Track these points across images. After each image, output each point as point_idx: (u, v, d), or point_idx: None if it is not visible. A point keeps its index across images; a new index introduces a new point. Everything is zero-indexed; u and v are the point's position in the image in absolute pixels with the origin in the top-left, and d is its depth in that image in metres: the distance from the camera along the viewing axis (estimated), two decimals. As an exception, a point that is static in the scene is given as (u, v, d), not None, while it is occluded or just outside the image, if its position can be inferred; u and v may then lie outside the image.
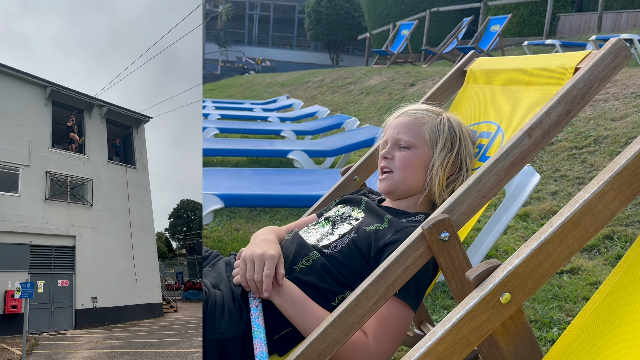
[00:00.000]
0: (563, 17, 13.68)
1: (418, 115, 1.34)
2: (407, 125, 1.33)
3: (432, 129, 1.32)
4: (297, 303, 1.15)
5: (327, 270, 1.21)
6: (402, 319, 1.13)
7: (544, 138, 1.02)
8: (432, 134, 1.32)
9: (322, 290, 1.20)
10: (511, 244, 2.92)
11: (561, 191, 3.55)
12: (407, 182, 1.32)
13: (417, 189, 1.32)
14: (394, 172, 1.32)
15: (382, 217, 1.28)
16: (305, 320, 1.13)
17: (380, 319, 1.12)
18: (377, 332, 1.12)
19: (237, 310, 1.17)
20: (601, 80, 1.02)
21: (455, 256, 1.00)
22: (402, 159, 1.32)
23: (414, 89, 7.74)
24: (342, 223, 1.32)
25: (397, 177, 1.32)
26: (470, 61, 1.60)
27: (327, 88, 10.18)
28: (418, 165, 1.31)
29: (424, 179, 1.32)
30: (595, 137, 4.12)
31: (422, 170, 1.32)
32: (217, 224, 3.37)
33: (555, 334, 2.04)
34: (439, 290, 2.43)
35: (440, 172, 1.28)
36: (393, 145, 1.34)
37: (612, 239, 2.87)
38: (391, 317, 1.12)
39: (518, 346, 0.86)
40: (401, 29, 11.96)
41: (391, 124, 1.38)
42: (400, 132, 1.33)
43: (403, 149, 1.32)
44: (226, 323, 1.15)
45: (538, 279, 0.78)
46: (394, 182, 1.32)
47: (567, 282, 2.49)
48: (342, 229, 1.29)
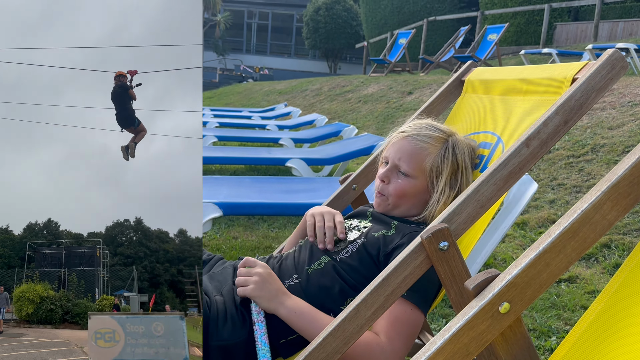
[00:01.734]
0: (560, 26, 13.77)
1: (422, 145, 1.31)
2: (410, 153, 1.31)
3: (435, 162, 1.30)
4: (305, 314, 1.15)
5: (338, 273, 1.22)
6: (414, 319, 1.13)
7: (541, 148, 1.03)
8: (435, 166, 1.30)
9: (333, 293, 1.21)
10: (509, 252, 2.92)
11: (559, 199, 3.56)
12: (399, 209, 1.34)
13: (413, 213, 1.34)
14: (387, 198, 1.33)
15: (389, 224, 1.30)
16: (313, 329, 1.13)
17: (392, 319, 1.12)
18: (389, 332, 1.12)
19: (239, 316, 1.18)
20: (598, 91, 1.03)
21: (454, 265, 1.00)
22: (397, 188, 1.32)
23: (412, 97, 7.77)
24: (351, 232, 1.33)
25: (391, 203, 1.34)
26: (468, 71, 1.61)
27: (325, 96, 10.21)
28: (412, 195, 1.32)
29: (417, 207, 1.33)
30: (592, 146, 4.14)
31: (416, 200, 1.33)
32: (215, 232, 3.37)
33: (554, 342, 2.04)
34: (437, 299, 2.42)
35: (440, 206, 1.28)
36: (392, 169, 1.33)
37: (609, 247, 2.87)
38: (403, 316, 1.13)
39: (517, 356, 0.86)
40: (399, 38, 12.02)
41: (394, 143, 1.36)
42: (402, 159, 1.31)
43: (401, 176, 1.32)
44: (229, 330, 1.15)
45: (537, 288, 0.78)
46: (386, 207, 1.35)
47: (565, 291, 2.49)
48: (351, 236, 1.31)
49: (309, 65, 27.66)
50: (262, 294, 1.16)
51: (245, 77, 22.06)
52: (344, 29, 22.87)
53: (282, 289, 1.19)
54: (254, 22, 29.73)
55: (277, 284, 1.19)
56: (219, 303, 1.19)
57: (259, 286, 1.17)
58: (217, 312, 1.16)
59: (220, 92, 16.12)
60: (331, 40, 22.95)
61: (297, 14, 28.92)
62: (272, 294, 1.17)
